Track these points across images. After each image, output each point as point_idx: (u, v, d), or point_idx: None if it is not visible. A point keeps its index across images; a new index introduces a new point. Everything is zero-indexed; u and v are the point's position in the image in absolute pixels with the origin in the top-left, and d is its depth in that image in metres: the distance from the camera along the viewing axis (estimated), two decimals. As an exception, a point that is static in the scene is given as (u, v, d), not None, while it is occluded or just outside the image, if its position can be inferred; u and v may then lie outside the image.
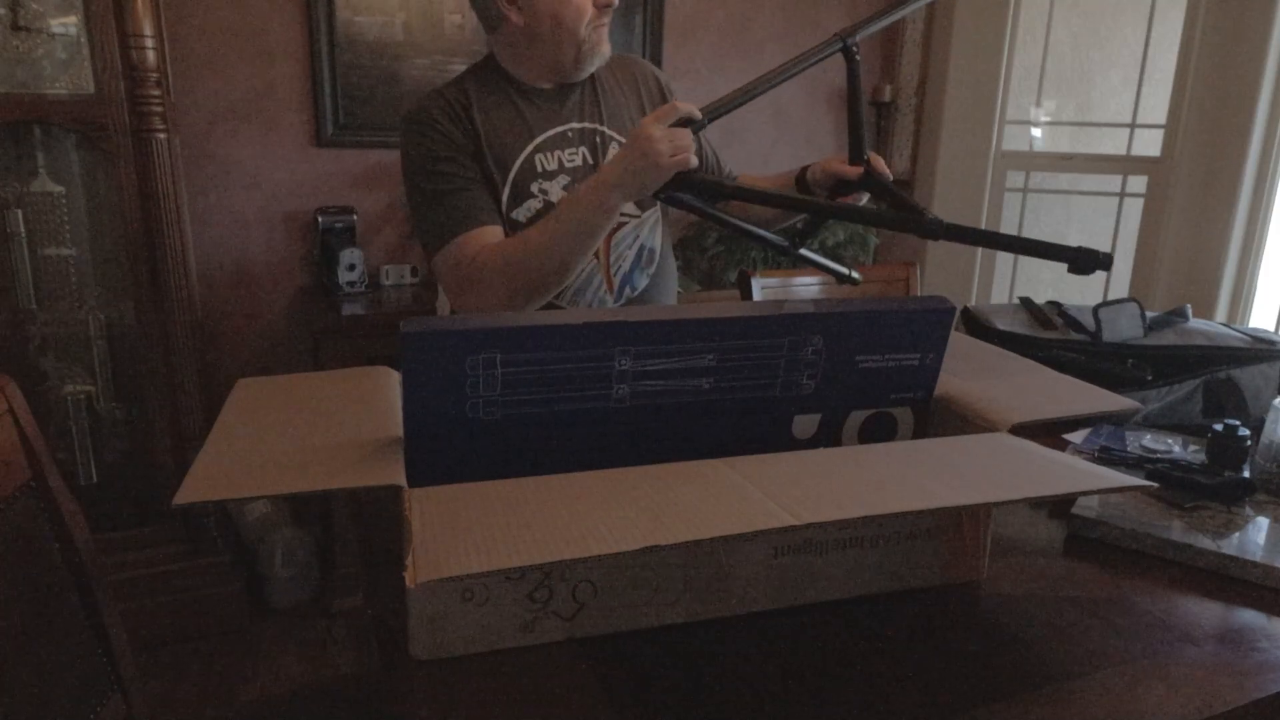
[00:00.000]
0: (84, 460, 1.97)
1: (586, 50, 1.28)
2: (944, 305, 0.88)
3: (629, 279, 1.35)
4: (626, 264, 1.34)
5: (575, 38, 1.26)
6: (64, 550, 0.97)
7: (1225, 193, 2.37)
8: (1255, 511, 1.01)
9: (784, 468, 0.74)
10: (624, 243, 1.33)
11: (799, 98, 2.87)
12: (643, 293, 1.37)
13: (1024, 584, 0.87)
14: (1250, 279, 2.45)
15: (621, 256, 1.33)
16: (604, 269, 1.33)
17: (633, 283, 1.36)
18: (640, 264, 1.36)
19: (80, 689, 0.98)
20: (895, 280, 1.89)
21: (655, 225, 1.38)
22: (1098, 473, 0.76)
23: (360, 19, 2.29)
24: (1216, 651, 0.77)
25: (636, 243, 1.35)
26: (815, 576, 0.80)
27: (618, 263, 1.33)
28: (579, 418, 0.81)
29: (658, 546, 0.60)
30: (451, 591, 0.70)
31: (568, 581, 0.73)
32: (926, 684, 0.71)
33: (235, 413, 0.84)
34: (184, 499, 0.66)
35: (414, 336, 0.73)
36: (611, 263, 1.33)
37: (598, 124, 1.34)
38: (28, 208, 1.82)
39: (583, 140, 1.32)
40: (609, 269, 1.33)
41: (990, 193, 2.78)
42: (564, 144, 1.31)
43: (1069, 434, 1.20)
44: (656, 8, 2.58)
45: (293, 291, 2.40)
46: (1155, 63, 2.56)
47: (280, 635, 2.11)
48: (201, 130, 2.22)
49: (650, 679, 0.71)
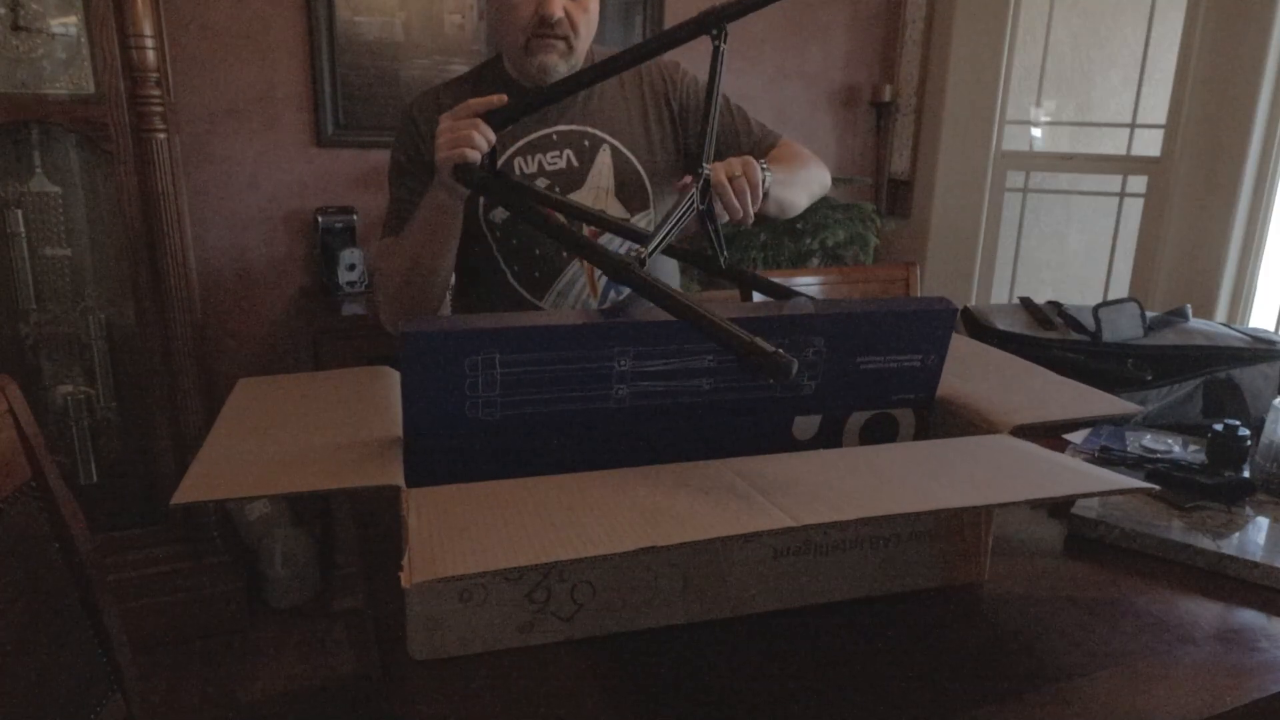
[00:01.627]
0: (84, 460, 1.97)
1: (529, 64, 1.24)
2: (945, 306, 0.88)
3: (614, 283, 1.34)
4: None
5: (514, 46, 1.24)
6: (64, 550, 0.97)
7: (1225, 193, 2.37)
8: (1255, 511, 1.01)
9: (784, 469, 0.74)
10: (611, 245, 1.32)
11: (799, 97, 2.87)
12: (629, 297, 1.35)
13: (1024, 584, 0.87)
14: (1250, 279, 2.44)
15: None
16: (588, 271, 1.31)
17: (618, 286, 1.34)
18: None
19: (80, 689, 0.98)
20: (895, 280, 1.89)
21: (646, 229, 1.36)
22: (1098, 475, 0.76)
23: (360, 19, 2.29)
24: (1216, 651, 0.77)
25: (624, 247, 1.32)
26: (816, 578, 0.80)
27: None
28: (578, 418, 0.81)
29: (655, 547, 0.60)
30: (450, 592, 0.70)
31: (566, 582, 0.73)
32: (928, 684, 0.71)
33: (235, 413, 0.84)
34: (183, 499, 0.66)
35: (414, 337, 0.73)
36: None
37: (588, 126, 1.31)
38: (27, 208, 1.82)
39: (568, 143, 1.30)
40: (593, 272, 1.32)
41: (990, 193, 2.78)
42: (546, 147, 1.30)
43: (1069, 434, 1.20)
44: (656, 7, 2.58)
45: (293, 291, 2.40)
46: (1155, 63, 2.55)
47: (280, 635, 2.11)
48: (201, 130, 2.22)
49: (650, 679, 0.71)
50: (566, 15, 1.22)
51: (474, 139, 1.04)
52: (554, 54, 1.24)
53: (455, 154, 1.04)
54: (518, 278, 1.32)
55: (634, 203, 1.33)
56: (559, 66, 1.25)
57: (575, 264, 1.31)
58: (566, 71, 1.27)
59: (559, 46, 1.24)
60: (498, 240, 1.31)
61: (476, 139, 1.04)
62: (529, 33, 1.22)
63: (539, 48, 1.23)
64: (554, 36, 1.22)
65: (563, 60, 1.25)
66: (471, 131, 1.04)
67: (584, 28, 1.26)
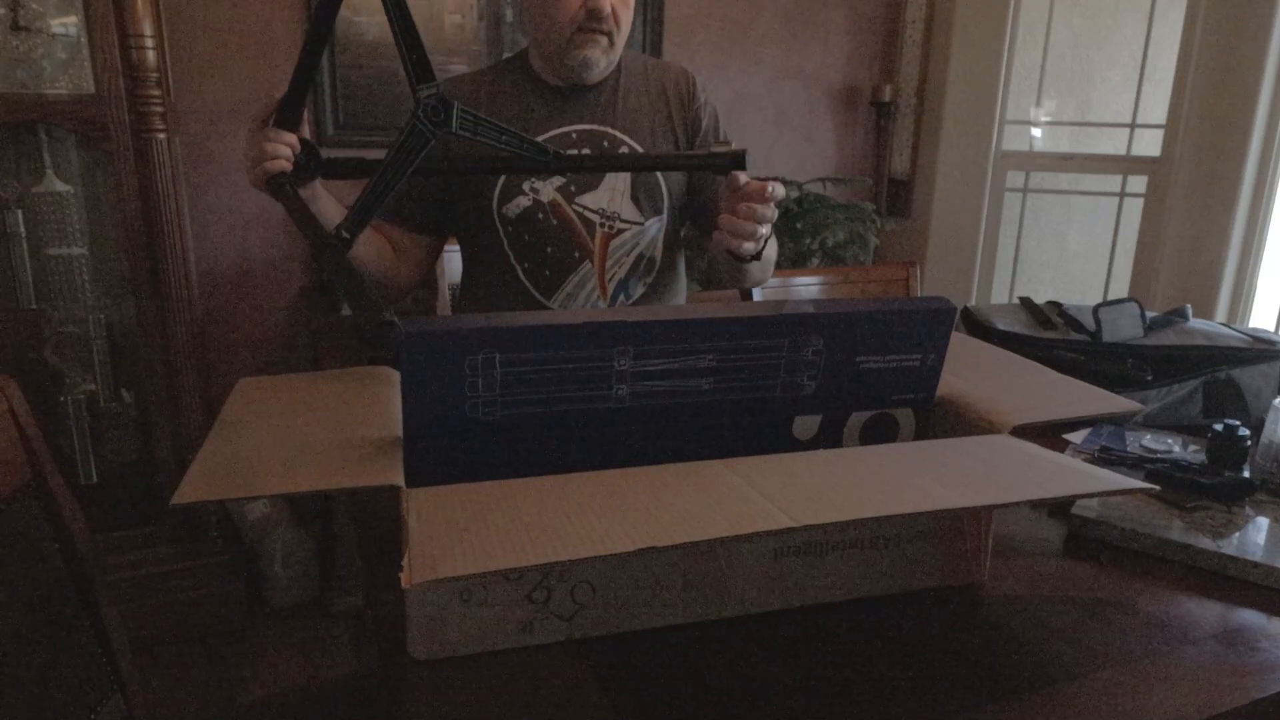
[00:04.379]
0: (84, 460, 1.97)
1: (572, 58, 1.25)
2: (944, 305, 0.88)
3: (624, 286, 1.34)
4: (623, 270, 1.33)
5: (558, 40, 1.24)
6: (64, 550, 0.97)
7: (1225, 193, 2.37)
8: (1255, 511, 1.01)
9: (784, 469, 0.74)
10: (621, 249, 1.32)
11: (799, 97, 2.87)
12: (638, 300, 1.36)
13: (1024, 585, 0.87)
14: (1250, 279, 2.44)
15: (618, 263, 1.32)
16: (599, 273, 1.32)
17: (627, 290, 1.34)
18: (638, 272, 1.34)
19: (80, 689, 0.98)
20: (895, 280, 1.89)
21: (659, 235, 1.35)
22: (1098, 475, 0.76)
23: (360, 19, 2.29)
24: (1216, 651, 0.77)
25: (635, 250, 1.33)
26: (816, 578, 0.80)
27: (613, 269, 1.32)
28: (579, 418, 0.81)
29: (655, 548, 0.60)
30: (450, 592, 0.70)
31: (566, 582, 0.73)
32: (928, 685, 0.71)
33: (235, 412, 0.84)
34: (183, 499, 0.66)
35: (413, 336, 0.73)
36: (607, 268, 1.32)
37: (609, 126, 1.32)
38: (29, 208, 1.82)
39: (587, 142, 1.31)
40: (603, 274, 1.32)
41: (990, 193, 2.78)
42: (564, 145, 1.30)
43: (1069, 434, 1.20)
44: (656, 8, 2.58)
45: (293, 291, 2.40)
46: (1155, 63, 2.55)
47: (280, 635, 2.11)
48: (201, 130, 2.22)
49: (650, 679, 0.71)
50: (612, 10, 1.23)
51: (267, 151, 1.01)
52: (597, 49, 1.25)
53: (258, 174, 1.02)
54: (529, 275, 1.32)
55: (649, 206, 1.33)
56: (600, 61, 1.26)
57: (586, 264, 1.31)
58: (606, 67, 1.29)
59: (602, 42, 1.25)
60: (509, 235, 1.31)
61: (269, 149, 1.01)
62: (575, 25, 1.22)
63: (584, 41, 1.24)
64: (600, 31, 1.24)
65: (604, 55, 1.26)
66: (263, 145, 1.01)
67: (625, 24, 1.28)
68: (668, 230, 1.37)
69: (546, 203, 1.29)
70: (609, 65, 1.30)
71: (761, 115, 2.83)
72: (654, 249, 1.36)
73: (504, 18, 2.41)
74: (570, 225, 1.30)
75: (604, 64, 1.27)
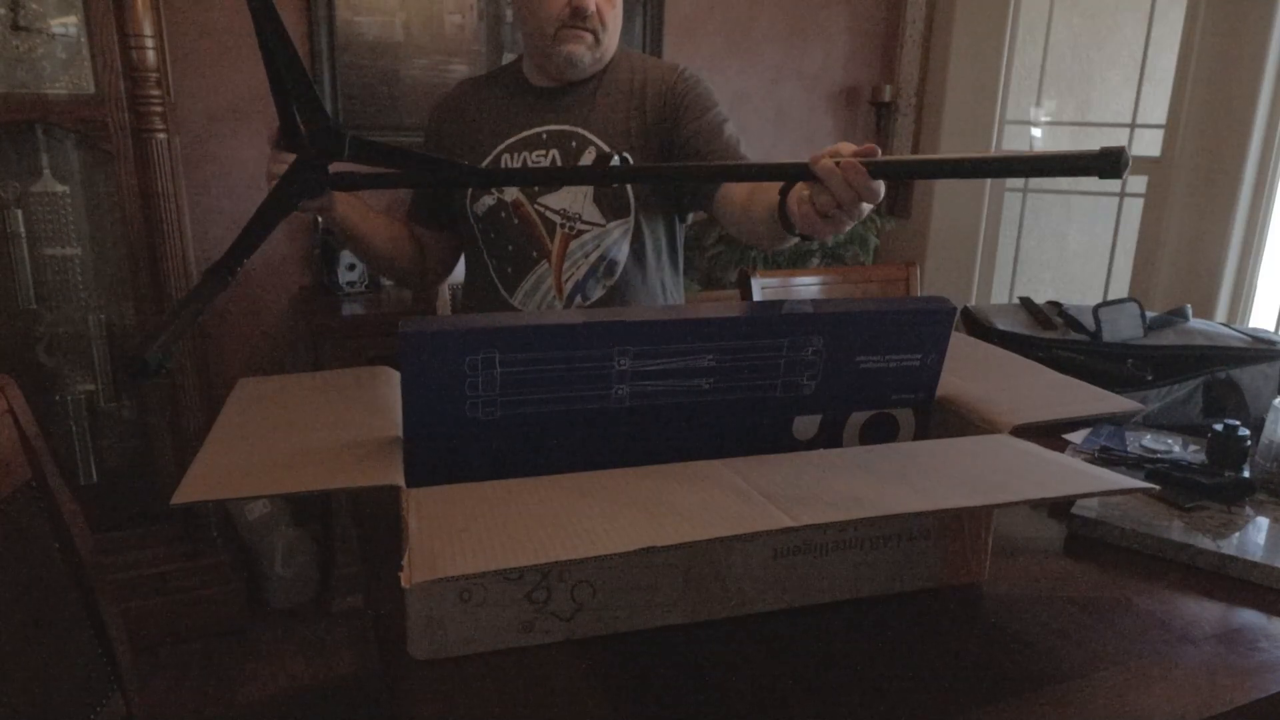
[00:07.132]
0: (84, 460, 1.97)
1: (557, 55, 1.27)
2: (944, 305, 0.88)
3: (581, 287, 1.32)
4: (581, 272, 1.31)
5: (543, 38, 1.26)
6: (64, 550, 0.97)
7: (1225, 193, 2.37)
8: (1255, 511, 1.01)
9: (783, 469, 0.74)
10: (580, 251, 1.31)
11: (799, 98, 2.87)
12: (596, 303, 1.33)
13: (1024, 585, 0.87)
14: (1250, 279, 2.44)
15: (576, 264, 1.31)
16: (555, 273, 1.31)
17: (584, 291, 1.33)
18: (597, 274, 1.32)
19: (80, 689, 0.98)
20: (895, 280, 1.89)
21: (623, 238, 1.32)
22: (1098, 475, 0.76)
23: (360, 19, 2.29)
24: (1216, 651, 0.77)
25: (596, 252, 1.31)
26: (816, 577, 0.80)
27: (571, 269, 1.31)
28: (578, 418, 0.81)
29: (655, 548, 0.60)
30: (450, 592, 0.70)
31: (566, 582, 0.73)
32: (928, 685, 0.71)
33: (235, 413, 0.84)
34: (183, 499, 0.66)
35: (413, 336, 0.73)
36: (565, 269, 1.31)
37: (578, 126, 1.31)
38: (28, 208, 1.82)
39: (555, 143, 1.30)
40: (560, 274, 1.31)
41: (990, 192, 2.78)
42: (533, 146, 1.31)
43: (1069, 434, 1.20)
44: (656, 8, 2.58)
45: (293, 291, 2.40)
46: (1155, 63, 2.55)
47: (280, 635, 2.11)
48: (201, 130, 2.22)
49: (650, 679, 0.71)
50: (597, 9, 1.25)
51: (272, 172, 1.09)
52: (582, 45, 1.27)
53: None
54: (496, 271, 1.35)
55: (612, 210, 1.31)
56: (585, 58, 1.28)
57: (544, 264, 1.32)
58: (592, 64, 1.31)
59: (587, 39, 1.27)
60: (481, 232, 1.34)
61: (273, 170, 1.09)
62: (560, 23, 1.25)
63: (568, 37, 1.26)
64: (584, 29, 1.26)
65: (589, 52, 1.28)
66: (269, 168, 1.10)
67: (612, 23, 1.29)
68: (636, 232, 1.34)
69: (509, 202, 1.31)
70: (595, 62, 1.31)
71: (761, 115, 2.83)
72: (617, 251, 1.33)
73: (504, 18, 2.41)
74: (531, 225, 1.31)
75: (589, 60, 1.29)
